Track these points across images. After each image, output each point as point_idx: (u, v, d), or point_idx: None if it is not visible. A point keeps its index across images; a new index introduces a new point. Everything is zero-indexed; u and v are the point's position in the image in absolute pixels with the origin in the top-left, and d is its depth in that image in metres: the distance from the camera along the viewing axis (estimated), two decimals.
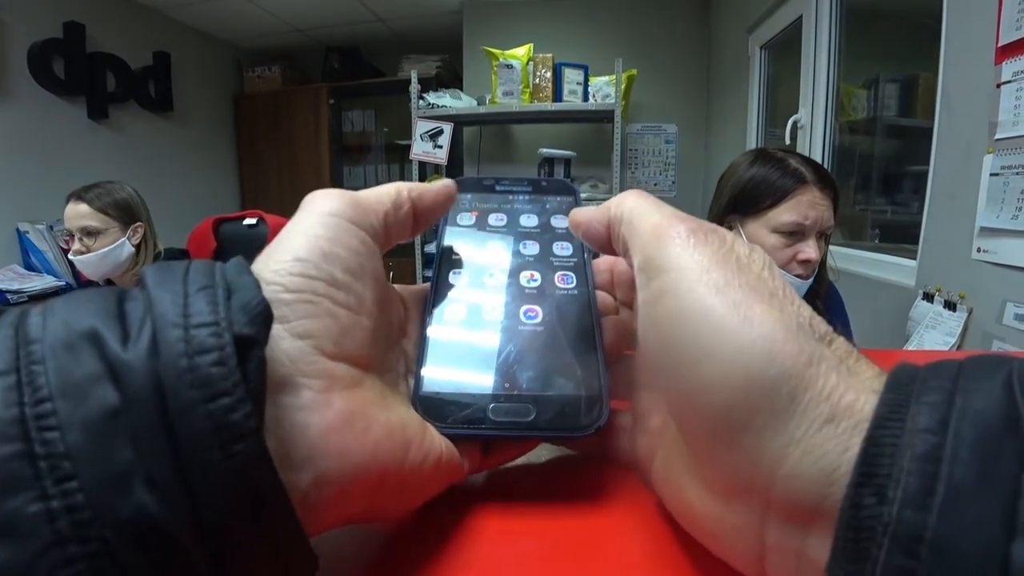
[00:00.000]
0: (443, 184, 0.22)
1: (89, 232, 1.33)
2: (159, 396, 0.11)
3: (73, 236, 1.34)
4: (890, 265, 1.43)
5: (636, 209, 0.19)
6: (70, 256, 1.37)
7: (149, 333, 0.12)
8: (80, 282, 2.35)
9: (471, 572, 0.17)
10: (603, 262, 0.23)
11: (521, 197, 0.26)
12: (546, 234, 0.25)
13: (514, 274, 0.23)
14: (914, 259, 1.27)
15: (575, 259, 0.24)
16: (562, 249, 0.24)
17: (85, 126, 2.68)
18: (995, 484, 0.10)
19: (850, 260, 1.52)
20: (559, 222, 0.25)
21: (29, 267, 2.34)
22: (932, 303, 1.16)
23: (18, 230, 2.35)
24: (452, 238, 0.24)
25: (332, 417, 0.15)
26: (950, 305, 1.11)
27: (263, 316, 0.13)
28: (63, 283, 2.31)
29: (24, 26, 2.36)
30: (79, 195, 1.35)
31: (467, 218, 0.25)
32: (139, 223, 1.40)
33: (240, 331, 0.12)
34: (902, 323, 1.23)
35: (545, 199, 0.26)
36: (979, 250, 1.03)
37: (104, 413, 0.11)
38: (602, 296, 0.22)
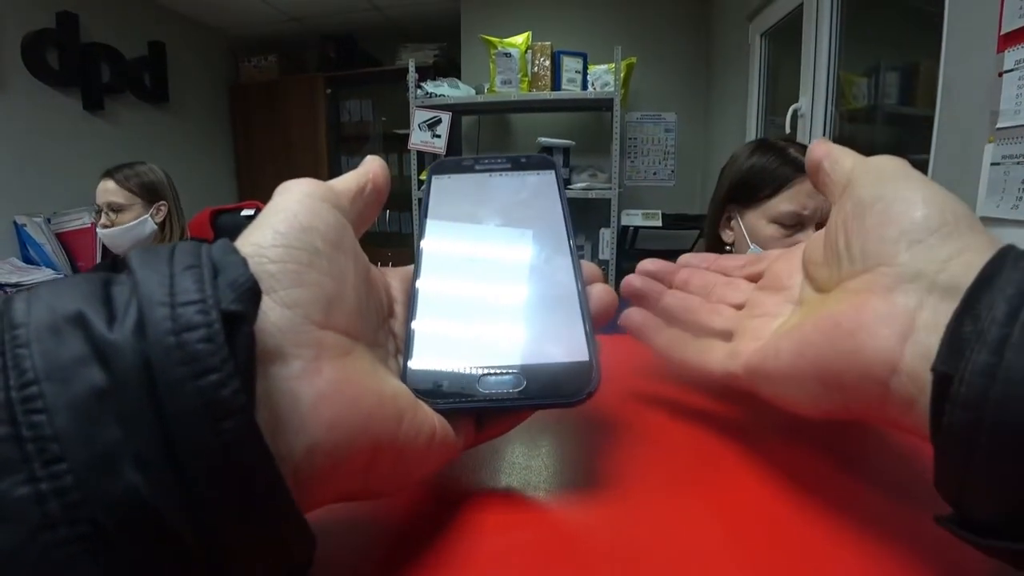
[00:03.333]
0: (374, 159, 0.22)
1: (113, 208, 1.43)
2: (147, 375, 0.11)
3: (101, 211, 1.45)
4: None
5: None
6: (97, 229, 1.48)
7: (135, 313, 0.12)
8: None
9: (472, 565, 0.17)
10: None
11: (501, 174, 0.27)
12: (527, 208, 0.25)
13: (497, 248, 0.23)
14: None
15: (557, 231, 0.24)
16: (544, 222, 0.24)
17: (80, 117, 2.66)
18: None
19: None
20: (540, 196, 0.25)
21: (27, 260, 2.33)
22: None
23: (15, 223, 2.34)
24: (434, 217, 0.25)
25: (323, 386, 0.15)
26: None
27: (251, 292, 0.13)
28: (61, 276, 2.30)
29: (17, 16, 2.33)
30: (110, 173, 1.46)
31: (448, 198, 0.25)
32: (162, 202, 1.48)
33: (228, 307, 0.12)
34: None
35: (525, 175, 0.27)
36: None
37: (91, 394, 0.11)
38: (586, 265, 0.23)
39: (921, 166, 1.23)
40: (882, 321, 0.16)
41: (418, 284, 0.22)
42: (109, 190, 1.43)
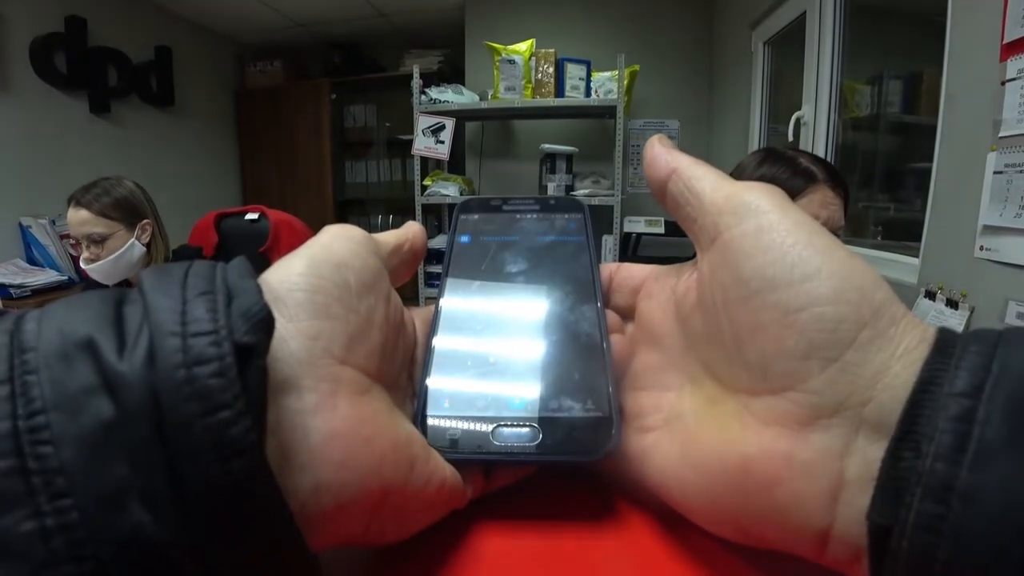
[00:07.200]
0: (415, 224, 0.23)
1: (95, 239, 1.24)
2: (155, 409, 0.11)
3: (79, 243, 1.25)
4: (892, 263, 1.43)
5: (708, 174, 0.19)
6: (81, 264, 1.28)
7: (146, 342, 0.11)
8: (83, 276, 2.35)
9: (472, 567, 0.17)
10: (603, 270, 0.23)
11: (528, 216, 0.26)
12: (554, 253, 0.24)
13: (520, 293, 0.23)
14: (916, 257, 1.27)
15: (583, 277, 0.23)
16: (570, 268, 0.23)
17: (87, 120, 2.68)
18: (1022, 444, 0.11)
19: None
20: (567, 240, 0.25)
21: (32, 261, 2.35)
22: (934, 301, 1.16)
23: (20, 224, 2.35)
24: (458, 258, 0.24)
25: (337, 423, 0.14)
26: (952, 303, 1.11)
27: (264, 323, 0.13)
28: (65, 278, 2.31)
29: (26, 20, 2.35)
30: (77, 199, 1.25)
31: (473, 238, 0.25)
32: (146, 220, 1.31)
33: (240, 339, 0.12)
34: None
35: (553, 217, 0.26)
36: (982, 248, 1.03)
37: (99, 427, 0.10)
38: (610, 315, 0.22)
39: (924, 174, 1.23)
40: (803, 476, 0.14)
41: (437, 328, 0.21)
42: (84, 220, 1.22)
